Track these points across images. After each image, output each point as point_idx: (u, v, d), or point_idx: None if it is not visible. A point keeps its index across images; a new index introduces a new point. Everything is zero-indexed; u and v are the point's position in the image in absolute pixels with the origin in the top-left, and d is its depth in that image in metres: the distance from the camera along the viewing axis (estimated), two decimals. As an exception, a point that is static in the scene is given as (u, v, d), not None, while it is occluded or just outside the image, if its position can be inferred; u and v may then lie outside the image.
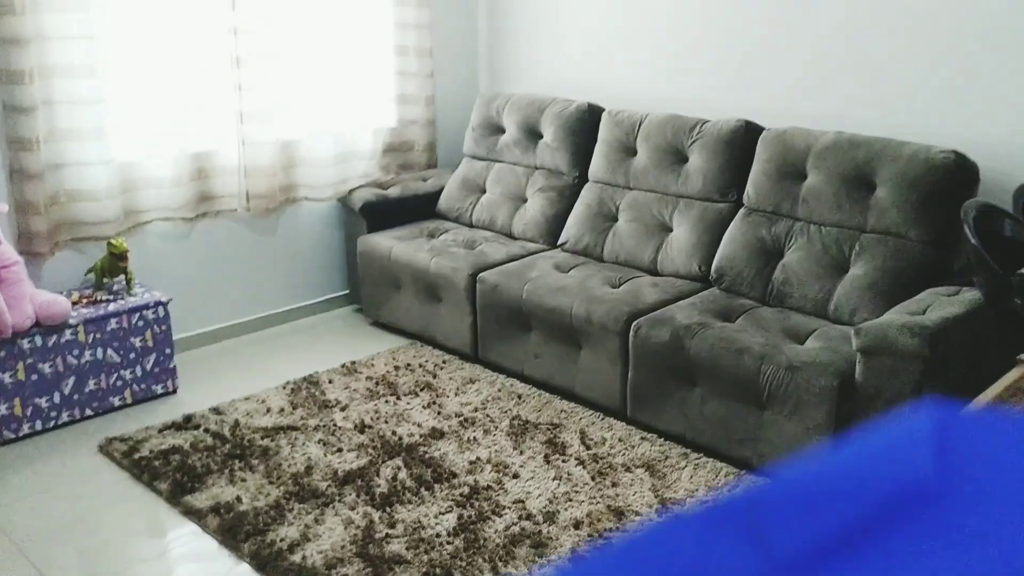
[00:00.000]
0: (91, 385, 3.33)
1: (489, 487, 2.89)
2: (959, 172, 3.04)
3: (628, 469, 2.99)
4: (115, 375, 3.39)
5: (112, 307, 3.39)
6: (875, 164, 3.15)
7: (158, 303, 3.48)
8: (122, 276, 3.55)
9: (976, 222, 2.62)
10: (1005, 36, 3.06)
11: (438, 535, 2.64)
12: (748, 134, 3.53)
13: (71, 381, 3.28)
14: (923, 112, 3.27)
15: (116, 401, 3.41)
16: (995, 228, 2.71)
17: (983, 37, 3.10)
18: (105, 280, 3.52)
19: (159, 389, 3.52)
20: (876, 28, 3.35)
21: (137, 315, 3.42)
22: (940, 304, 2.82)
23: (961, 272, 3.03)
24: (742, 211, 3.49)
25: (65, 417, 3.29)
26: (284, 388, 3.58)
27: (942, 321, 2.68)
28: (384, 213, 4.21)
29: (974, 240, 2.57)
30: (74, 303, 3.38)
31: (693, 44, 3.90)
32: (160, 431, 3.24)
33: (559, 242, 3.98)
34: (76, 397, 3.31)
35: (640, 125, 3.82)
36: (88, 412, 3.34)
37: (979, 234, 2.60)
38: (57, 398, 3.26)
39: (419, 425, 3.28)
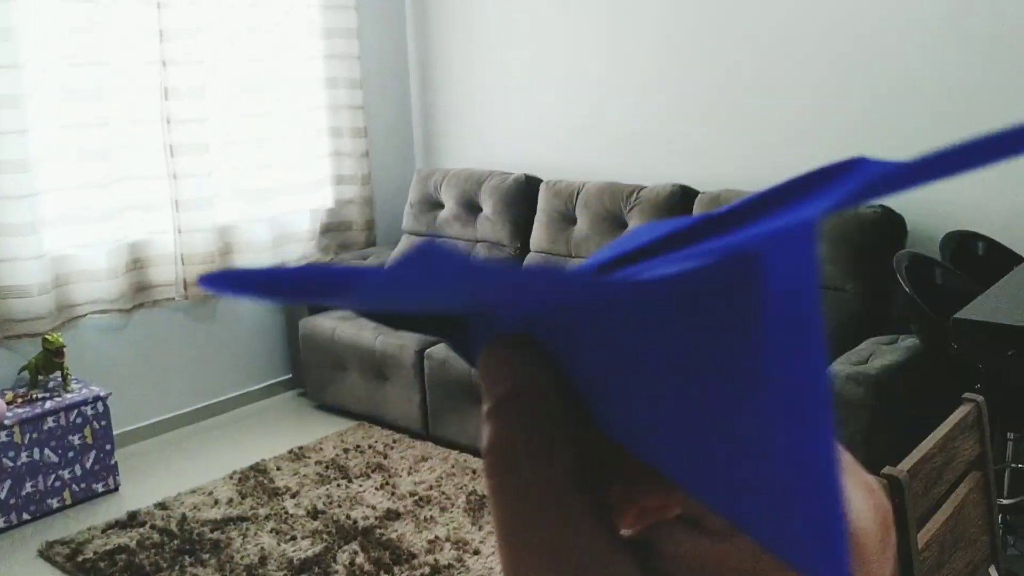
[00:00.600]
0: (28, 488, 3.20)
1: (450, 565, 2.83)
2: (888, 225, 3.16)
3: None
4: (53, 476, 3.26)
5: (49, 405, 3.27)
6: (807, 221, 3.25)
7: (97, 398, 3.37)
8: (58, 372, 3.44)
9: (909, 272, 2.72)
10: (920, 96, 3.22)
11: (402, 619, 2.57)
12: (684, 198, 3.63)
13: (7, 485, 3.15)
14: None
15: (55, 503, 3.27)
16: (927, 277, 2.81)
17: (899, 99, 3.26)
18: (40, 377, 3.41)
19: (100, 487, 3.39)
20: (798, 92, 3.49)
21: (75, 412, 3.31)
22: (881, 352, 2.90)
23: (899, 320, 3.12)
24: (683, 273, 3.55)
25: (1, 523, 3.14)
26: (231, 478, 3.48)
27: (884, 369, 2.75)
28: (326, 294, 4.18)
29: (909, 290, 2.66)
30: (8, 403, 3.26)
31: (624, 112, 4.01)
32: (104, 531, 3.11)
33: (504, 313, 3.99)
34: (13, 501, 3.16)
35: (578, 194, 3.89)
36: (26, 516, 3.20)
37: (913, 283, 2.69)
38: (-8, 504, 3.11)
39: (373, 507, 3.22)
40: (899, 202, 3.24)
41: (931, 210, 3.23)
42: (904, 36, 3.22)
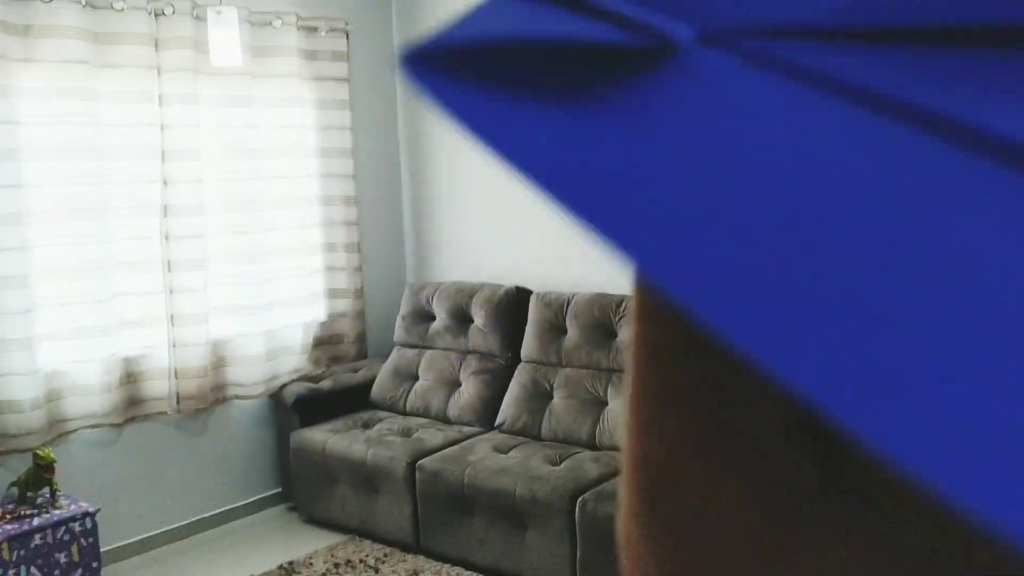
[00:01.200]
0: (12, 608, 3.13)
1: None
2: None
3: (586, 652, 2.91)
4: (38, 595, 3.20)
5: (36, 521, 3.23)
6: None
7: (85, 514, 3.33)
8: (47, 488, 3.40)
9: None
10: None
11: None
12: (670, 308, 3.70)
13: (-10, 605, 3.08)
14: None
15: (38, 624, 3.19)
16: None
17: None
18: (29, 494, 3.37)
19: (85, 607, 3.32)
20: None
21: (63, 528, 3.27)
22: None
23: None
24: (672, 381, 3.59)
25: (-18, 646, 3.06)
26: (220, 596, 3.42)
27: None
28: (317, 407, 4.19)
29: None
30: (-4, 520, 3.22)
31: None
32: (88, 653, 3.03)
33: (496, 423, 4.01)
34: (-5, 623, 3.09)
35: (568, 304, 3.96)
36: (8, 638, 3.12)
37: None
38: (-26, 625, 3.04)
39: (366, 624, 3.16)
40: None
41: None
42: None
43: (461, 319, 4.31)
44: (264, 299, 4.23)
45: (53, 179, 3.50)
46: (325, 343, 4.57)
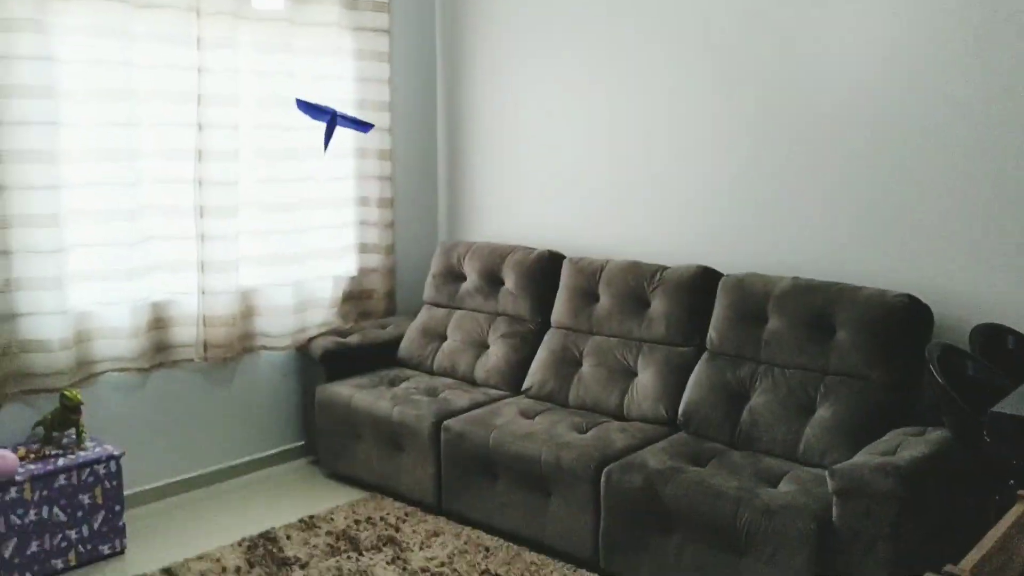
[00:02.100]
0: (34, 547, 3.14)
1: (462, 647, 2.75)
2: (915, 315, 3.13)
3: (606, 623, 2.88)
4: (60, 535, 3.20)
5: (61, 462, 3.23)
6: (833, 308, 3.23)
7: (110, 457, 3.33)
8: (73, 429, 3.40)
9: (941, 363, 2.68)
10: (950, 185, 3.22)
11: None
12: (706, 279, 3.62)
13: (12, 544, 3.09)
14: (873, 257, 3.39)
15: (59, 564, 3.21)
16: (958, 369, 2.77)
17: (928, 186, 3.27)
18: (55, 434, 3.37)
19: (106, 549, 3.33)
20: (825, 177, 3.51)
21: (87, 471, 3.27)
22: (909, 444, 2.84)
23: (926, 412, 3.07)
24: (706, 355, 3.52)
25: (4, 582, 3.08)
26: (240, 545, 3.42)
27: (914, 461, 2.69)
28: (344, 361, 4.17)
29: (942, 381, 2.62)
30: (21, 459, 3.22)
31: (648, 192, 4.04)
32: (108, 595, 3.04)
33: (523, 388, 3.96)
34: (17, 560, 3.10)
35: (601, 272, 3.89)
36: (29, 576, 3.14)
37: (944, 375, 2.65)
38: (-3, 561, 3.05)
39: (384, 582, 3.14)
40: (926, 292, 3.22)
41: (958, 301, 3.21)
42: (925, 126, 3.24)
43: (492, 281, 4.25)
44: (295, 250, 4.18)
45: (87, 118, 3.45)
46: (354, 298, 4.53)
